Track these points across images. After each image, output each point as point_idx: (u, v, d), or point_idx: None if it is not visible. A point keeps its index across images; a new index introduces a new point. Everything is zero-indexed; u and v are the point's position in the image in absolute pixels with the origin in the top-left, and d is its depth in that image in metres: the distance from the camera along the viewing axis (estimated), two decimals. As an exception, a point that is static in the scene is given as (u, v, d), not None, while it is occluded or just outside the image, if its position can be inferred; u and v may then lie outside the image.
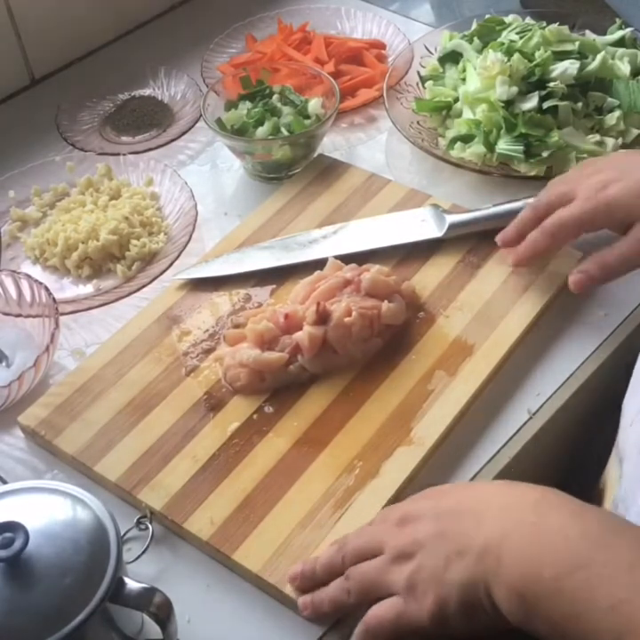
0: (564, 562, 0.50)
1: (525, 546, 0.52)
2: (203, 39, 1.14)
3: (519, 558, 0.52)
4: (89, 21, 1.16)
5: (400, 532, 0.59)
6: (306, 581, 0.62)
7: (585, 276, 0.76)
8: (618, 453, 0.69)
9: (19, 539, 0.53)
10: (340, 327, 0.75)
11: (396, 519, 0.60)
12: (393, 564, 0.58)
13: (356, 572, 0.60)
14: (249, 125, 0.96)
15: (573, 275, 0.77)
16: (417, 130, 0.99)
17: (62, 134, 1.03)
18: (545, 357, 0.78)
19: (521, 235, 0.80)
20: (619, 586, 0.48)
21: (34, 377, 0.76)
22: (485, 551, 0.54)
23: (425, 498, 0.61)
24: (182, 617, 0.63)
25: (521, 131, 0.92)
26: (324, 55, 1.09)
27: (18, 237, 0.94)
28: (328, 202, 0.92)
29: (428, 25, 1.18)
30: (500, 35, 1.01)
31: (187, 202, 0.92)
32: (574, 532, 0.52)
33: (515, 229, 0.81)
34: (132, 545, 0.68)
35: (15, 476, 0.73)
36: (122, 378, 0.77)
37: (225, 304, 0.83)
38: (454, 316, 0.80)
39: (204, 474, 0.70)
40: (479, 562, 0.54)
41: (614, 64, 0.98)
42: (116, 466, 0.71)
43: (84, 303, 0.86)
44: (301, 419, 0.73)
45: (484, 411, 0.74)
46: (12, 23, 1.07)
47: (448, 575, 0.55)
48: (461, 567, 0.54)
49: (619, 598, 0.48)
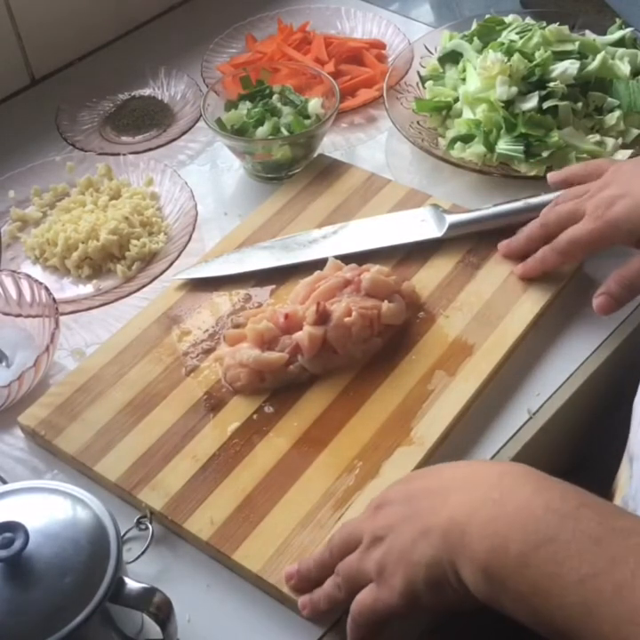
0: (530, 536, 0.50)
1: (490, 521, 0.52)
2: (203, 39, 1.14)
3: (484, 534, 0.52)
4: (89, 21, 1.16)
5: (374, 519, 0.59)
6: (302, 580, 0.63)
7: (610, 298, 0.75)
8: (629, 453, 0.69)
9: (19, 539, 0.53)
10: (340, 327, 0.75)
11: (372, 507, 0.61)
12: (368, 551, 0.58)
13: (342, 566, 0.60)
14: (249, 125, 0.96)
15: (598, 298, 0.76)
16: (417, 130, 0.99)
17: (62, 134, 1.03)
18: (545, 357, 0.78)
19: (528, 250, 0.81)
20: (586, 560, 0.48)
21: (34, 377, 0.76)
22: (449, 529, 0.54)
23: (400, 483, 0.62)
24: (182, 617, 0.63)
25: (521, 131, 0.92)
26: (324, 55, 1.09)
27: (18, 237, 0.94)
28: (328, 202, 0.92)
29: (428, 25, 1.18)
30: (500, 35, 1.01)
31: (187, 202, 0.92)
32: (539, 506, 0.51)
33: (523, 244, 0.82)
34: (132, 545, 0.68)
35: (15, 476, 0.73)
36: (122, 378, 0.77)
37: (225, 304, 0.83)
38: (454, 316, 0.80)
39: (203, 474, 0.70)
40: (444, 539, 0.54)
41: (614, 64, 0.98)
42: (115, 466, 0.71)
43: (83, 303, 0.86)
44: (301, 419, 0.73)
45: (484, 411, 0.74)
46: (11, 23, 1.07)
47: (414, 555, 0.55)
48: (426, 545, 0.54)
49: (586, 572, 0.48)
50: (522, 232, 0.83)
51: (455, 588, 0.53)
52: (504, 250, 0.83)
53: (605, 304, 0.76)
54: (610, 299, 0.75)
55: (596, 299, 0.76)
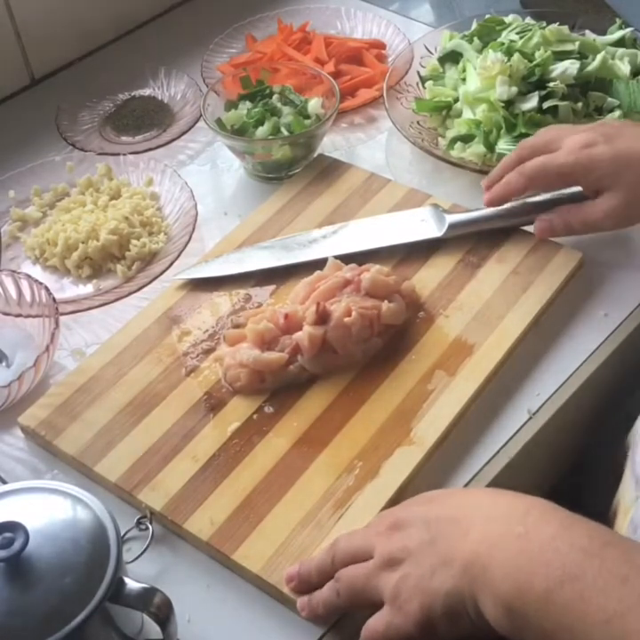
0: (555, 573, 0.50)
1: (514, 557, 0.52)
2: (203, 39, 1.14)
3: (508, 569, 0.51)
4: (89, 21, 1.16)
5: (390, 538, 0.58)
6: (303, 583, 0.62)
7: (549, 227, 0.81)
8: (635, 475, 0.68)
9: (19, 539, 0.53)
10: (340, 327, 0.75)
11: (387, 524, 0.60)
12: (381, 570, 0.57)
13: (344, 575, 0.60)
14: (249, 125, 0.96)
15: (540, 222, 0.81)
16: (417, 130, 0.99)
17: (62, 134, 1.03)
18: (545, 357, 0.78)
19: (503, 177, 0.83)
20: (612, 599, 0.48)
21: (34, 377, 0.76)
22: (471, 561, 0.53)
23: (416, 504, 0.61)
24: (182, 617, 0.63)
25: (521, 131, 0.92)
26: (324, 55, 1.09)
27: (18, 237, 0.94)
28: (328, 202, 0.92)
29: (428, 25, 1.18)
30: (500, 35, 1.01)
31: (187, 202, 0.92)
32: (564, 543, 0.51)
33: (498, 172, 0.83)
34: (132, 545, 0.68)
35: (15, 476, 0.73)
36: (122, 378, 0.77)
37: (225, 304, 0.83)
38: (454, 315, 0.80)
39: (204, 474, 0.70)
40: (465, 571, 0.53)
41: (614, 64, 0.98)
42: (116, 466, 0.71)
43: (83, 303, 0.86)
44: (301, 419, 0.73)
45: (484, 411, 0.74)
46: (11, 23, 1.07)
47: (433, 583, 0.54)
48: (447, 575, 0.54)
49: (613, 611, 0.47)
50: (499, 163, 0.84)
51: (473, 619, 0.53)
52: (485, 183, 0.85)
53: (544, 229, 0.82)
54: (549, 229, 0.81)
55: (539, 221, 0.82)
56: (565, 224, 0.81)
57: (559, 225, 0.81)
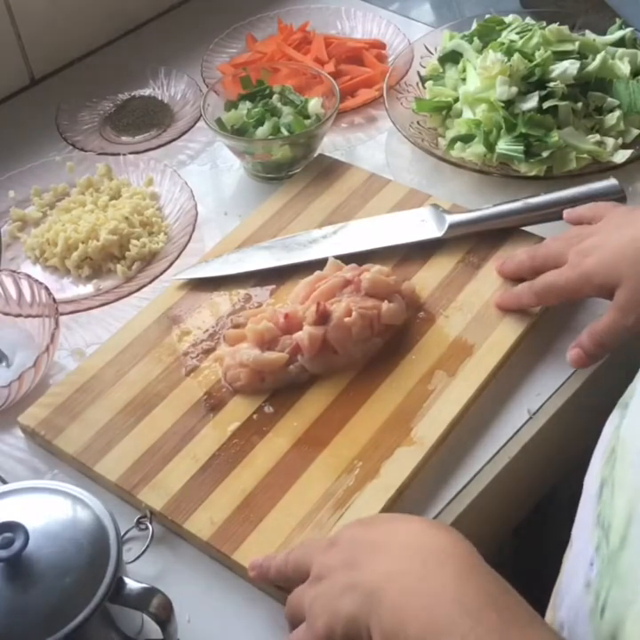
0: (430, 623, 0.50)
1: (403, 596, 0.52)
2: (203, 39, 1.14)
3: (395, 607, 0.52)
4: (89, 21, 1.16)
5: (324, 554, 0.59)
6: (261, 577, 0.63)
7: (582, 353, 0.75)
8: None
9: (19, 539, 0.53)
10: (340, 327, 0.75)
11: (327, 541, 0.60)
12: (308, 585, 0.58)
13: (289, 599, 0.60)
14: (249, 125, 0.96)
15: (571, 351, 0.75)
16: (417, 130, 0.99)
17: (62, 134, 1.03)
18: (545, 357, 0.78)
19: (517, 274, 0.81)
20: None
21: (34, 377, 0.76)
22: (372, 591, 0.53)
23: (359, 524, 0.61)
24: (182, 617, 0.63)
25: (521, 131, 0.92)
26: (324, 55, 1.09)
27: (18, 237, 0.94)
28: (328, 202, 0.92)
29: (428, 25, 1.18)
30: (500, 35, 1.01)
31: (187, 202, 0.92)
32: (449, 595, 0.51)
33: (513, 268, 0.81)
34: (132, 545, 0.68)
35: (15, 476, 0.73)
36: (122, 378, 0.77)
37: (225, 304, 0.83)
38: (454, 316, 0.80)
39: (203, 474, 0.70)
40: (364, 600, 0.53)
41: (614, 64, 0.98)
42: (115, 466, 0.71)
43: (83, 303, 0.86)
44: (301, 419, 0.73)
45: (484, 411, 0.74)
46: (11, 23, 1.07)
47: (338, 605, 0.54)
48: (350, 600, 0.54)
49: None
50: (516, 256, 0.82)
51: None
52: (499, 267, 0.83)
53: (577, 359, 0.75)
54: (582, 353, 0.75)
55: (570, 351, 0.76)
56: (595, 342, 0.74)
57: (589, 345, 0.74)
